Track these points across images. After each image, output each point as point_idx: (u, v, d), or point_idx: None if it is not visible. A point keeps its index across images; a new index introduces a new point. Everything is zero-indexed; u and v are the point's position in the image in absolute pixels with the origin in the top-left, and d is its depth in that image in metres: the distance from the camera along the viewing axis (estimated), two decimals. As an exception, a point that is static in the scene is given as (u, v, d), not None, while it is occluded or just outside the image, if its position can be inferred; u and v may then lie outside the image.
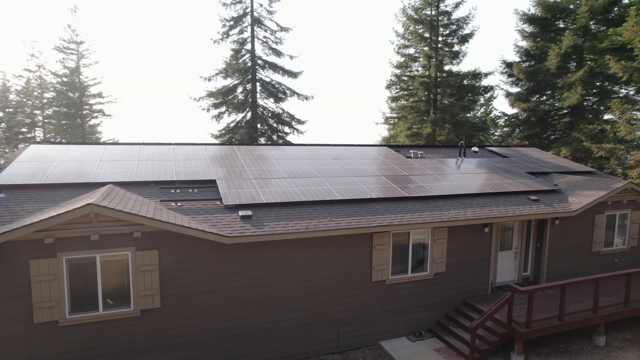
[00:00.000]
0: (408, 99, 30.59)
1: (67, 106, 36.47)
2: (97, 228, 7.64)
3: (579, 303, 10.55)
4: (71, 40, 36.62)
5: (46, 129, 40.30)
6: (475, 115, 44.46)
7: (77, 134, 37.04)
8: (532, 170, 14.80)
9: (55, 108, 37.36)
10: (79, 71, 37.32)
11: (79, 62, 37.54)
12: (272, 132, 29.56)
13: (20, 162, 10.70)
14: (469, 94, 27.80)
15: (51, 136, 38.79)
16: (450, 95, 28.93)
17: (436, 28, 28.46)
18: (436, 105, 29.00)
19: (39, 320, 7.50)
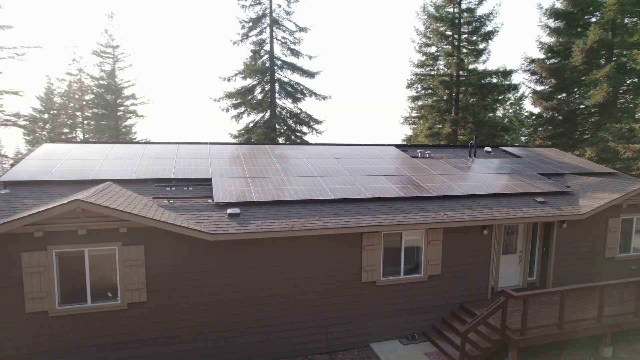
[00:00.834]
0: (428, 99, 30.02)
1: (103, 107, 38.05)
2: (84, 223, 7.94)
3: (584, 311, 10.00)
4: (108, 44, 38.09)
5: (85, 130, 42.32)
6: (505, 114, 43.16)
7: (113, 135, 38.59)
8: (546, 172, 14.16)
9: (93, 110, 39.09)
10: (114, 74, 38.85)
11: (114, 65, 39.06)
12: (290, 132, 29.76)
13: (30, 159, 11.27)
14: (491, 93, 26.91)
15: (90, 136, 40.62)
16: (472, 95, 28.15)
17: (457, 26, 27.74)
18: (457, 105, 28.28)
19: (30, 310, 7.87)
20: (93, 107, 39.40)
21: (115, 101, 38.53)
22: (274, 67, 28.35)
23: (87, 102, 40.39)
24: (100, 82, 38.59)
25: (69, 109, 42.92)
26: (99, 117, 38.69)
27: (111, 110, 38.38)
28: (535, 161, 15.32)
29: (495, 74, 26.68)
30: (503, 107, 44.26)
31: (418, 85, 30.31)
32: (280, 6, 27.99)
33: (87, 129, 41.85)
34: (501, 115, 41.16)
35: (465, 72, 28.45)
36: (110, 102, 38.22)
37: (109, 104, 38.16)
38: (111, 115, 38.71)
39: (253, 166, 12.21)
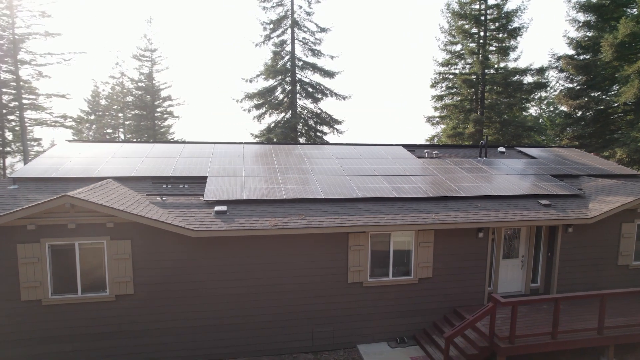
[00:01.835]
0: (453, 98, 29.26)
1: (142, 109, 39.71)
2: (74, 217, 8.36)
3: (587, 321, 9.43)
4: (146, 48, 39.62)
5: (126, 130, 44.46)
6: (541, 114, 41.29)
7: (151, 135, 40.20)
8: (560, 173, 13.47)
9: (134, 111, 40.88)
10: (152, 76, 40.45)
11: (152, 68, 40.67)
12: (312, 132, 29.91)
13: (43, 157, 11.99)
14: (517, 91, 25.84)
15: (131, 136, 42.51)
16: (498, 93, 27.17)
17: (483, 23, 26.87)
18: (483, 104, 27.39)
19: (25, 298, 8.40)
20: (133, 109, 41.25)
21: (152, 102, 40.12)
22: (294, 68, 28.59)
23: (127, 104, 42.39)
24: (139, 85, 40.32)
25: (113, 111, 45.26)
26: (139, 118, 40.39)
27: (149, 111, 40.01)
28: (550, 162, 14.60)
29: (522, 72, 25.62)
30: (539, 107, 42.42)
31: (443, 85, 29.65)
32: (301, 7, 28.22)
33: (128, 129, 43.92)
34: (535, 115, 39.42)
35: (492, 71, 27.55)
36: (148, 103, 39.82)
37: (147, 105, 39.78)
38: (149, 116, 40.38)
39: (252, 165, 12.39)
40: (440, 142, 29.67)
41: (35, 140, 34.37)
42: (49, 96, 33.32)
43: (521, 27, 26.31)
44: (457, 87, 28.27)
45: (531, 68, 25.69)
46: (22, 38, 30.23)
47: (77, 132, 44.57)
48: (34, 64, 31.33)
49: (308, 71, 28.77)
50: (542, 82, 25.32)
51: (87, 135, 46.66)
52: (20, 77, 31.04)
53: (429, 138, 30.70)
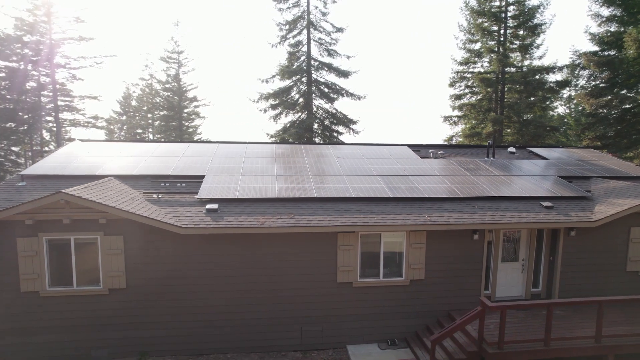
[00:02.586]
0: (472, 97, 28.57)
1: (169, 109, 40.78)
2: (69, 213, 8.72)
3: (589, 329, 9.03)
4: (174, 50, 40.56)
5: (155, 130, 45.84)
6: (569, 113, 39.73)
7: (178, 135, 41.24)
8: (570, 174, 12.94)
9: (162, 112, 42.04)
10: (178, 78, 41.48)
11: (178, 70, 41.67)
12: (327, 132, 29.92)
13: (54, 155, 12.55)
14: (537, 90, 24.94)
15: (160, 136, 43.72)
16: (519, 92, 26.32)
17: (502, 20, 26.12)
18: (503, 103, 26.62)
19: (24, 289, 8.83)
20: (161, 110, 42.41)
21: (179, 103, 41.13)
22: (310, 68, 28.67)
23: (155, 105, 43.64)
24: (166, 86, 41.41)
25: (142, 112, 46.74)
26: (167, 119, 41.48)
27: (176, 112, 41.05)
28: (561, 163, 14.05)
29: (542, 70, 24.73)
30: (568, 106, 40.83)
31: (461, 84, 29.00)
32: (317, 7, 28.29)
33: (156, 129, 45.23)
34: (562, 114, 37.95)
35: (513, 69, 26.73)
36: (175, 104, 40.85)
37: (173, 106, 40.82)
38: (175, 117, 41.43)
39: (251, 165, 12.54)
40: (457, 143, 29.03)
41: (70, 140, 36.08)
42: (82, 98, 34.90)
43: (542, 23, 25.40)
44: (475, 86, 27.58)
45: (552, 66, 24.76)
46: (58, 43, 31.84)
47: (109, 133, 46.25)
48: (68, 67, 32.96)
49: (323, 71, 28.82)
50: (564, 80, 24.30)
51: (118, 135, 48.30)
52: (56, 80, 32.75)
53: (447, 138, 30.08)
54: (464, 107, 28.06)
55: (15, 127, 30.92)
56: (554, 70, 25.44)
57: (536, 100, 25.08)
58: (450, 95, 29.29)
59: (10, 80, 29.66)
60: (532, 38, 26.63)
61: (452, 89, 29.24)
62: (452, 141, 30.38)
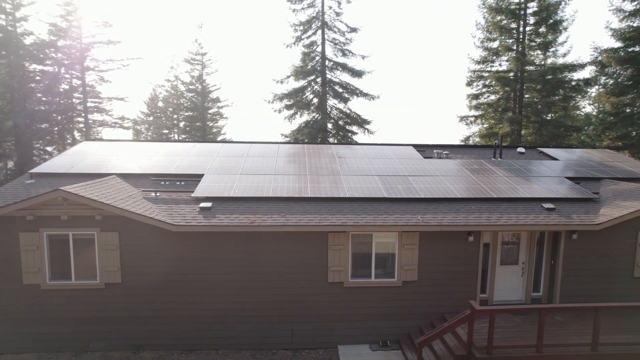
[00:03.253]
0: (489, 97, 27.93)
1: (193, 110, 41.67)
2: (67, 210, 9.07)
3: (583, 336, 8.70)
4: (197, 52, 41.22)
5: (180, 131, 46.97)
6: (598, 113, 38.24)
7: (201, 135, 42.07)
8: (579, 175, 12.49)
9: (187, 113, 42.96)
10: (202, 79, 42.27)
11: (202, 71, 42.43)
12: (341, 132, 29.87)
13: (64, 155, 13.07)
14: (557, 89, 24.13)
15: (184, 137, 44.71)
16: (538, 91, 25.56)
17: (521, 17, 25.43)
18: (521, 103, 25.90)
19: (26, 282, 9.24)
20: (185, 110, 43.35)
21: (202, 104, 41.93)
22: (324, 68, 28.70)
23: (180, 106, 44.66)
24: (190, 87, 42.28)
25: (168, 112, 47.93)
26: (191, 119, 42.37)
27: (199, 112, 41.88)
28: (571, 164, 13.56)
29: (562, 69, 23.91)
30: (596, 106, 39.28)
31: (479, 83, 28.39)
32: (331, 7, 28.30)
33: (181, 130, 46.29)
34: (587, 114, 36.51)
35: (532, 67, 25.97)
36: (198, 105, 41.67)
37: (197, 107, 41.66)
38: (199, 117, 42.28)
39: (251, 164, 12.68)
40: (474, 143, 28.42)
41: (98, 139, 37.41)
42: (110, 99, 36.28)
43: (563, 20, 24.57)
44: (492, 85, 26.95)
45: (574, 64, 23.92)
46: (88, 47, 33.22)
47: (136, 133, 47.63)
48: (97, 70, 34.36)
49: (337, 71, 28.80)
50: (587, 78, 23.38)
51: (145, 135, 49.65)
52: (86, 83, 34.15)
53: (463, 139, 29.49)
54: (480, 106, 27.47)
55: (49, 128, 32.44)
56: (576, 68, 24.61)
57: (556, 99, 24.27)
58: (467, 95, 28.73)
59: (45, 83, 31.17)
60: (553, 35, 25.85)
61: (470, 89, 28.69)
62: (469, 142, 29.78)
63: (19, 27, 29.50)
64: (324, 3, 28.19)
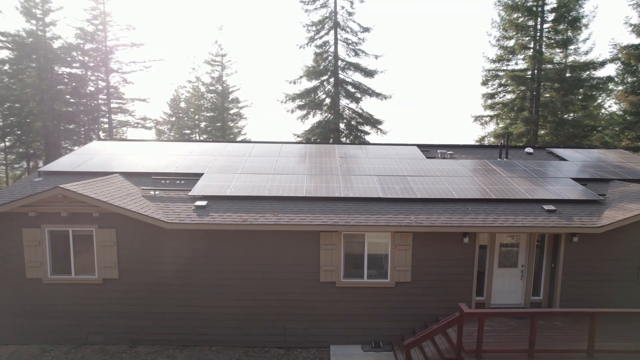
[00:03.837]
0: (504, 96, 27.29)
1: (213, 111, 42.32)
2: (66, 207, 9.38)
3: (579, 342, 8.42)
4: (217, 53, 41.61)
5: (201, 131, 47.83)
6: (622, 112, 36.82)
7: (220, 135, 42.68)
8: (586, 177, 12.09)
9: (208, 113, 43.65)
10: (221, 80, 42.82)
11: (222, 72, 42.97)
12: (354, 132, 29.74)
13: (73, 154, 13.52)
14: (574, 88, 23.36)
15: (205, 137, 45.46)
16: (556, 90, 24.82)
17: (538, 14, 24.76)
18: (538, 103, 25.22)
19: (29, 276, 9.61)
20: (206, 111, 44.05)
21: (222, 105, 42.49)
22: (337, 69, 28.66)
23: (200, 106, 45.42)
24: (210, 88, 42.91)
25: (190, 113, 48.84)
26: (212, 120, 43.03)
27: (219, 112, 42.48)
28: (580, 165, 13.13)
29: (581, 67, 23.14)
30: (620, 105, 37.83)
31: (494, 82, 27.79)
32: (344, 7, 28.24)
33: (201, 130, 47.09)
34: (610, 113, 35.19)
35: (550, 66, 25.25)
36: (218, 105, 42.26)
37: (217, 108, 42.27)
38: (218, 118, 42.89)
39: (252, 164, 12.79)
40: (489, 143, 27.83)
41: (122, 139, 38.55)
42: (132, 100, 37.36)
43: (582, 16, 23.79)
44: (508, 84, 26.34)
45: (593, 62, 23.13)
46: (112, 49, 34.34)
47: (159, 133, 48.66)
48: (120, 72, 35.49)
49: (349, 71, 28.70)
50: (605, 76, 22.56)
51: (168, 135, 50.71)
52: (110, 84, 35.29)
53: (478, 139, 28.92)
54: (496, 106, 26.88)
55: (76, 128, 33.64)
56: (596, 66, 23.81)
57: (574, 98, 23.51)
58: (483, 94, 28.17)
59: (71, 85, 32.39)
60: (573, 33, 25.10)
61: (485, 88, 28.12)
62: (484, 142, 29.17)
63: (48, 32, 30.81)
64: (337, 3, 28.16)
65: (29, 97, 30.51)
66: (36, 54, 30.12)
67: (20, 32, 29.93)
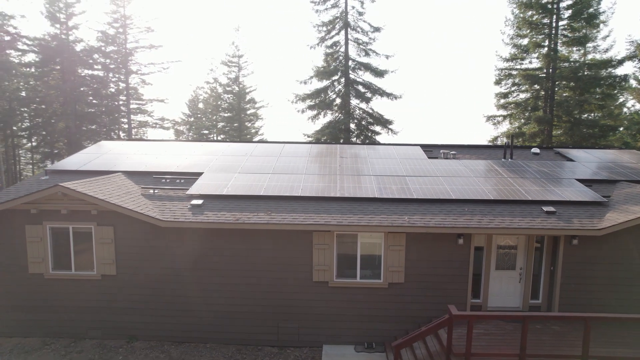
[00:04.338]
0: (518, 95, 26.73)
1: (230, 111, 42.82)
2: (66, 204, 9.66)
3: (575, 347, 8.19)
4: (234, 54, 42.06)
5: (218, 131, 48.49)
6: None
7: (237, 135, 43.15)
8: (593, 177, 11.75)
9: (224, 114, 44.20)
10: (238, 80, 43.23)
11: (238, 73, 43.38)
12: (365, 132, 29.62)
13: (81, 153, 13.89)
14: (590, 86, 22.69)
15: (222, 137, 46.03)
16: (572, 89, 24.17)
17: (552, 12, 24.16)
18: (552, 102, 24.61)
19: (31, 271, 9.93)
20: (224, 112, 44.59)
21: (239, 105, 42.91)
22: (348, 69, 28.59)
23: (218, 107, 46.02)
24: (227, 89, 43.40)
25: (208, 114, 49.56)
26: (229, 120, 43.53)
27: (235, 113, 42.93)
28: (587, 165, 12.75)
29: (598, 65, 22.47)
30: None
31: (508, 81, 27.25)
32: (354, 7, 28.14)
33: (219, 130, 47.70)
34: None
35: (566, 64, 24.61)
36: (235, 106, 42.71)
37: (234, 108, 42.74)
38: (235, 118, 43.35)
39: (251, 163, 12.90)
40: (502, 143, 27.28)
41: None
42: (150, 101, 38.19)
43: (599, 12, 23.09)
44: (521, 83, 25.78)
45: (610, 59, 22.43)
46: (131, 51, 35.20)
47: (177, 133, 49.48)
48: (139, 73, 36.35)
49: (360, 71, 28.59)
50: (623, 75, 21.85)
51: (186, 135, 51.56)
52: (129, 86, 36.19)
53: (491, 139, 28.38)
54: (508, 105, 26.35)
55: (97, 129, 34.61)
56: (614, 64, 23.10)
57: (589, 97, 22.84)
58: (496, 94, 27.66)
59: (93, 87, 33.36)
60: (592, 30, 24.43)
61: (498, 87, 27.60)
62: (497, 142, 28.61)
63: (71, 35, 31.80)
64: (347, 3, 28.11)
65: (53, 99, 31.56)
66: (60, 56, 31.11)
67: (45, 36, 31.03)
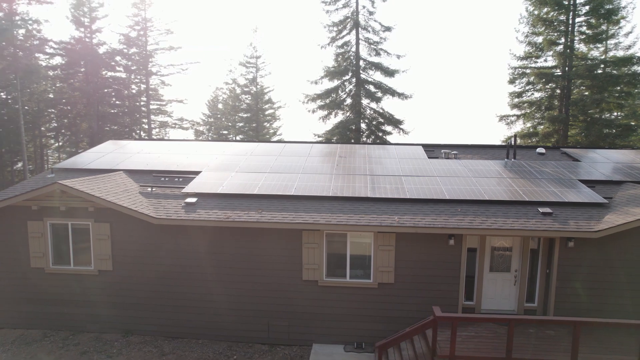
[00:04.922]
0: (532, 94, 26.07)
1: (248, 112, 43.33)
2: (65, 202, 9.97)
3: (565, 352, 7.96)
4: (252, 55, 42.41)
5: (237, 131, 49.13)
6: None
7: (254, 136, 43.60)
8: (596, 178, 11.39)
9: (243, 114, 44.72)
10: (256, 81, 43.64)
11: (256, 74, 43.77)
12: (376, 131, 29.46)
13: (87, 152, 14.32)
14: (608, 85, 21.94)
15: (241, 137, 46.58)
16: (589, 88, 23.44)
17: (569, 9, 23.49)
18: (568, 101, 23.92)
19: (33, 265, 10.30)
20: (243, 112, 45.12)
21: (256, 105, 43.31)
22: (359, 69, 28.50)
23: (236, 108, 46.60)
24: (245, 89, 43.87)
25: (227, 114, 50.25)
26: (247, 120, 44.00)
27: (253, 113, 43.38)
28: (593, 166, 12.36)
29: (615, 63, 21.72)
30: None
31: (522, 80, 26.62)
32: (365, 7, 28.02)
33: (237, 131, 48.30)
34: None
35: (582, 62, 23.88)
36: (252, 106, 43.15)
37: (251, 109, 43.20)
38: (253, 119, 43.80)
39: (250, 163, 13.02)
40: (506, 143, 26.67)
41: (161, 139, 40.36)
42: (170, 102, 39.04)
43: (618, 8, 22.31)
44: (535, 82, 25.16)
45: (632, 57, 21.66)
46: (152, 53, 36.10)
47: (197, 133, 50.30)
48: (159, 74, 37.21)
49: (370, 71, 28.46)
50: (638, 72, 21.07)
51: (206, 136, 52.38)
52: (149, 87, 37.10)
53: (504, 139, 27.75)
54: (522, 105, 25.73)
55: (119, 129, 35.62)
56: (633, 61, 22.29)
57: (607, 96, 22.09)
58: (510, 93, 27.03)
59: (115, 88, 34.37)
60: (612, 26, 23.67)
61: (512, 86, 26.98)
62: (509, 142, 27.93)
63: (94, 38, 32.84)
64: (358, 3, 28.01)
65: (77, 100, 32.66)
66: (84, 59, 32.15)
67: (71, 40, 32.15)
